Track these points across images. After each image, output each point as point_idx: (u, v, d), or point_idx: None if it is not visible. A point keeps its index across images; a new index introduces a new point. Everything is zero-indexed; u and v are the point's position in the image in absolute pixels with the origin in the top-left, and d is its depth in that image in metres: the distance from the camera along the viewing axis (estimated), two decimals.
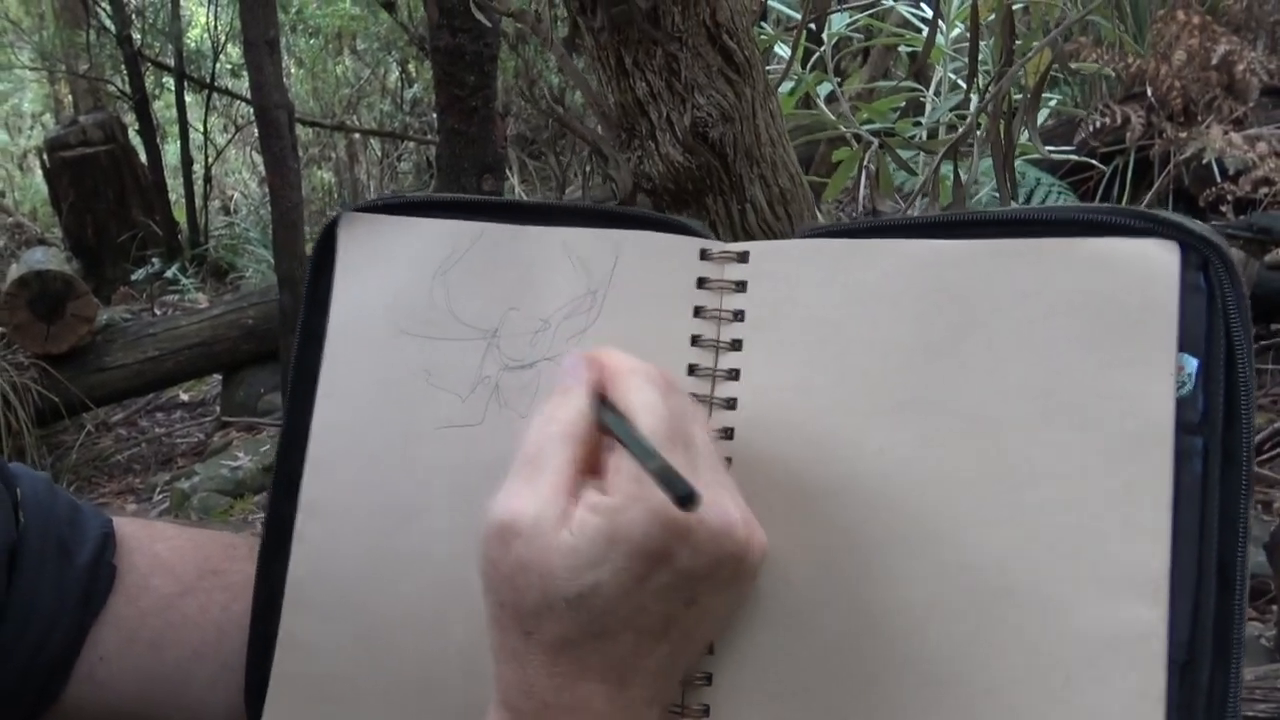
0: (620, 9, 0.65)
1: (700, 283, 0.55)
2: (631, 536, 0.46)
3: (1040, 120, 1.02)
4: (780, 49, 1.23)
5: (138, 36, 5.71)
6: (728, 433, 0.54)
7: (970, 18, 0.96)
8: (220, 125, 6.98)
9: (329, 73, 6.79)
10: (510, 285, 0.59)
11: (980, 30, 0.96)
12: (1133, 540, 0.45)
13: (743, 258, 0.55)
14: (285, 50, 5.92)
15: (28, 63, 7.19)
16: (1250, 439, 0.45)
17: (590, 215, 0.59)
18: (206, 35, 6.11)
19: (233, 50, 6.00)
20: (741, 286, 0.55)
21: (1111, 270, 0.48)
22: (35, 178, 7.47)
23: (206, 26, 6.17)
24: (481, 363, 0.59)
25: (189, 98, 5.92)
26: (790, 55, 0.97)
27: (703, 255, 0.56)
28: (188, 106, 5.88)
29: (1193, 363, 0.46)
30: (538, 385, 0.57)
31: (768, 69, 0.75)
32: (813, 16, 0.97)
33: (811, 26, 1.00)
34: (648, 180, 0.69)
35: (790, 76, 1.12)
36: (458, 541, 0.55)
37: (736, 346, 0.54)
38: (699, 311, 0.55)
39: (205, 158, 6.18)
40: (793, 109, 1.15)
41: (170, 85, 6.01)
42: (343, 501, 0.61)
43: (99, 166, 5.46)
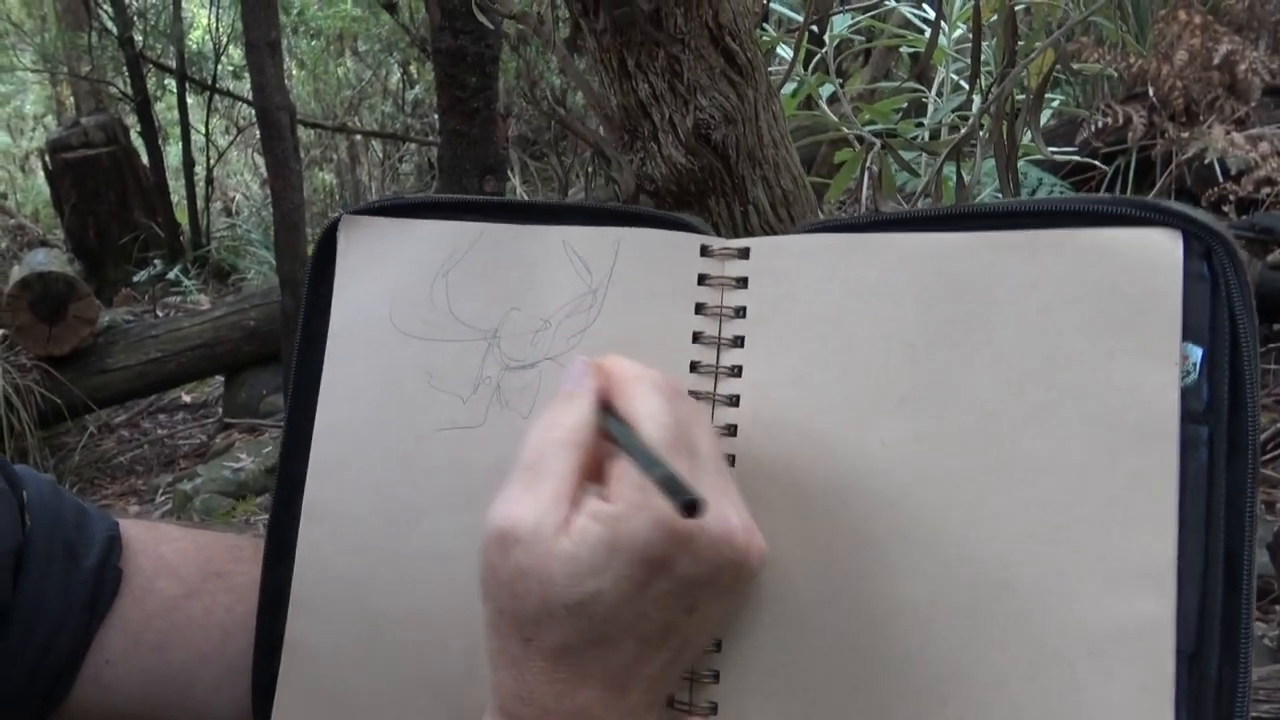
0: (623, 11, 0.65)
1: (701, 279, 0.55)
2: (633, 544, 0.46)
3: (1042, 120, 1.02)
4: (782, 50, 1.23)
5: (139, 38, 5.72)
6: (730, 429, 0.54)
7: (972, 18, 0.96)
8: (222, 127, 6.99)
9: (330, 74, 6.79)
10: (510, 285, 0.59)
11: (982, 31, 0.96)
12: (1138, 531, 0.45)
13: (743, 254, 0.55)
14: (287, 52, 5.92)
15: (30, 65, 7.20)
16: (1256, 427, 0.45)
17: (589, 213, 0.59)
18: (208, 37, 6.11)
19: (234, 52, 6.01)
20: (743, 283, 0.55)
21: (1114, 260, 0.47)
22: (37, 179, 7.47)
23: (208, 28, 6.17)
24: (482, 363, 0.59)
25: (191, 99, 5.92)
26: (792, 57, 0.97)
27: (703, 251, 0.55)
28: (189, 108, 5.89)
29: (1197, 352, 0.46)
30: (539, 385, 0.57)
31: (770, 70, 0.75)
32: (815, 18, 0.97)
33: (813, 28, 1.00)
34: (650, 182, 0.69)
35: (792, 78, 1.12)
36: (461, 543, 0.55)
37: (738, 343, 0.54)
38: (700, 308, 0.55)
39: (207, 159, 6.18)
40: (795, 110, 1.15)
41: (172, 87, 6.02)
42: (345, 504, 0.61)
43: (101, 168, 5.47)
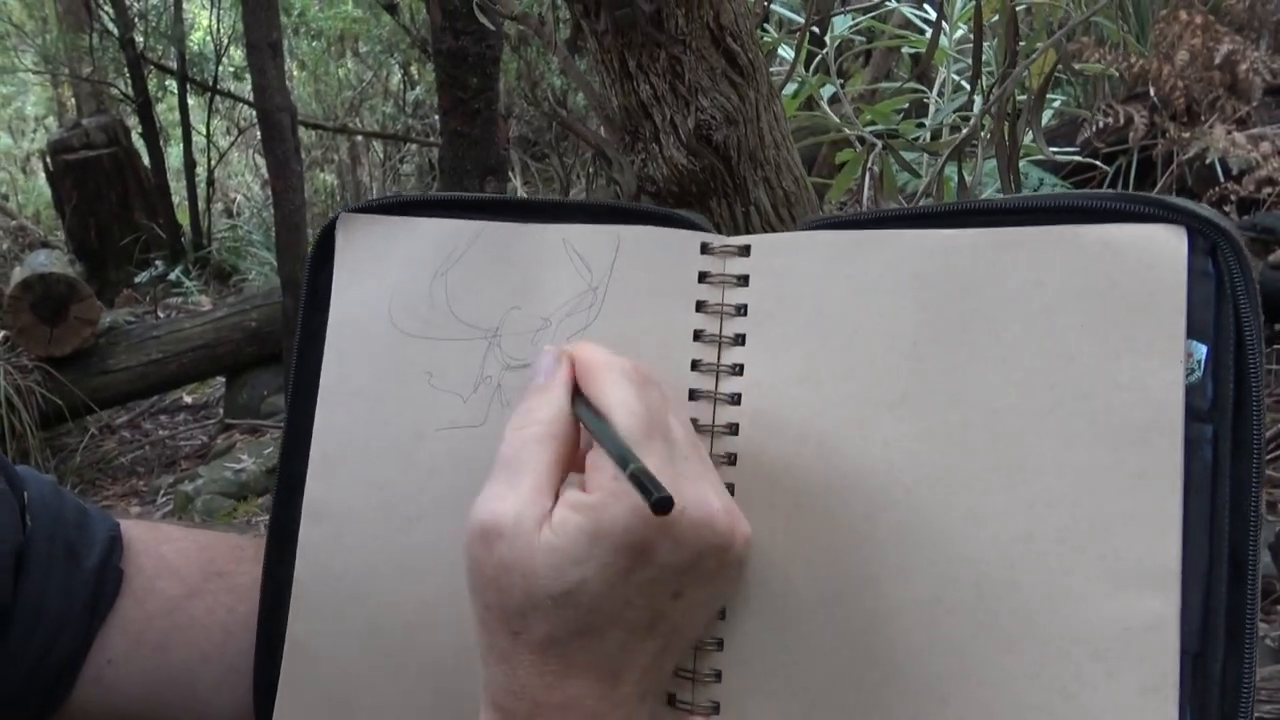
0: (624, 12, 0.65)
1: (702, 277, 0.55)
2: (613, 532, 0.46)
3: (1044, 121, 1.02)
4: (783, 51, 1.23)
5: (140, 40, 5.72)
6: (732, 428, 0.53)
7: (973, 19, 0.95)
8: (223, 128, 6.99)
9: (331, 75, 6.79)
10: (510, 284, 0.59)
11: (984, 31, 0.96)
12: (1143, 530, 0.45)
13: (744, 251, 0.54)
14: (288, 53, 5.92)
15: (31, 66, 7.20)
16: (1261, 425, 0.45)
17: (589, 211, 0.59)
18: (209, 38, 6.11)
19: (235, 53, 6.02)
20: (743, 280, 0.54)
21: (1118, 256, 0.47)
22: (38, 181, 7.49)
23: (209, 29, 6.17)
24: (483, 362, 0.59)
25: (192, 100, 5.93)
26: (793, 57, 0.97)
27: (704, 249, 0.55)
28: (190, 109, 5.89)
29: (1201, 349, 0.45)
30: None
31: (771, 71, 0.75)
32: (815, 19, 0.97)
33: (814, 29, 1.00)
34: (651, 183, 0.69)
35: (793, 79, 1.12)
36: (461, 543, 0.55)
37: (739, 341, 0.54)
38: (701, 306, 0.55)
39: (208, 160, 6.19)
40: (796, 111, 1.15)
41: (173, 88, 6.02)
42: (346, 504, 0.61)
43: (102, 169, 5.47)
